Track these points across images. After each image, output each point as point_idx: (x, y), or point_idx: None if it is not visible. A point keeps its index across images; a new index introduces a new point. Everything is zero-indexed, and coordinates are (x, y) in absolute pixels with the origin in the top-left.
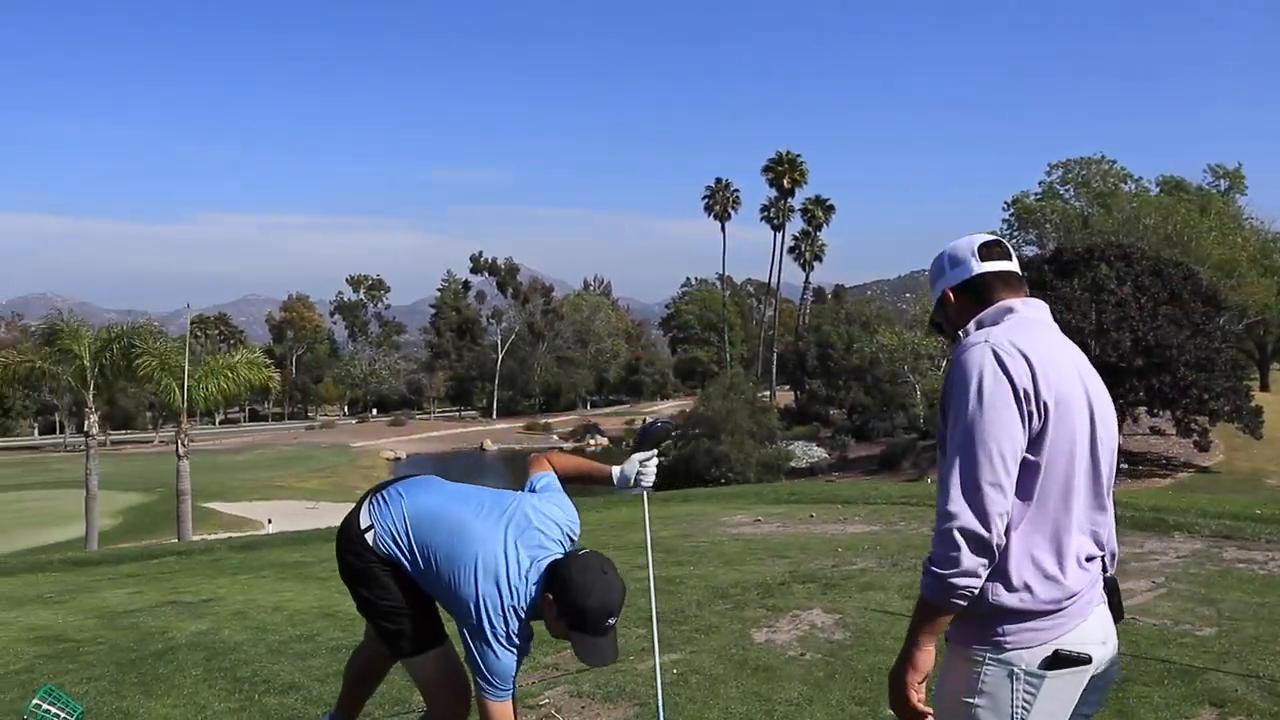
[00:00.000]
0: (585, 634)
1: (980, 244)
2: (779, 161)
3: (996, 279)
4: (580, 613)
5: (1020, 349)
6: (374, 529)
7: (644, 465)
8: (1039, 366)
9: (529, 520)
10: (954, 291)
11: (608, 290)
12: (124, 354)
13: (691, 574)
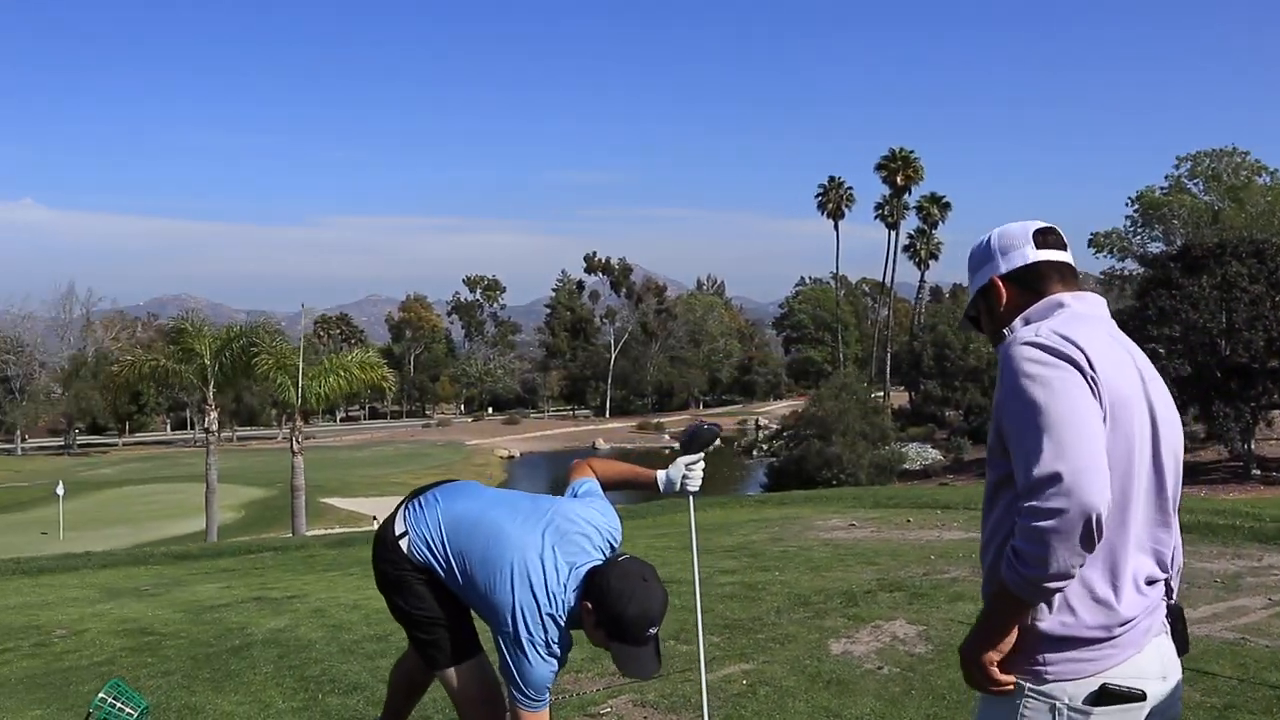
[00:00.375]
0: (625, 644)
1: (1036, 229)
2: (892, 159)
3: (1052, 269)
4: (619, 621)
5: (1074, 340)
6: (408, 535)
7: (690, 469)
8: (1095, 363)
9: (568, 526)
10: (1004, 281)
11: (721, 290)
12: (242, 353)
13: (775, 580)
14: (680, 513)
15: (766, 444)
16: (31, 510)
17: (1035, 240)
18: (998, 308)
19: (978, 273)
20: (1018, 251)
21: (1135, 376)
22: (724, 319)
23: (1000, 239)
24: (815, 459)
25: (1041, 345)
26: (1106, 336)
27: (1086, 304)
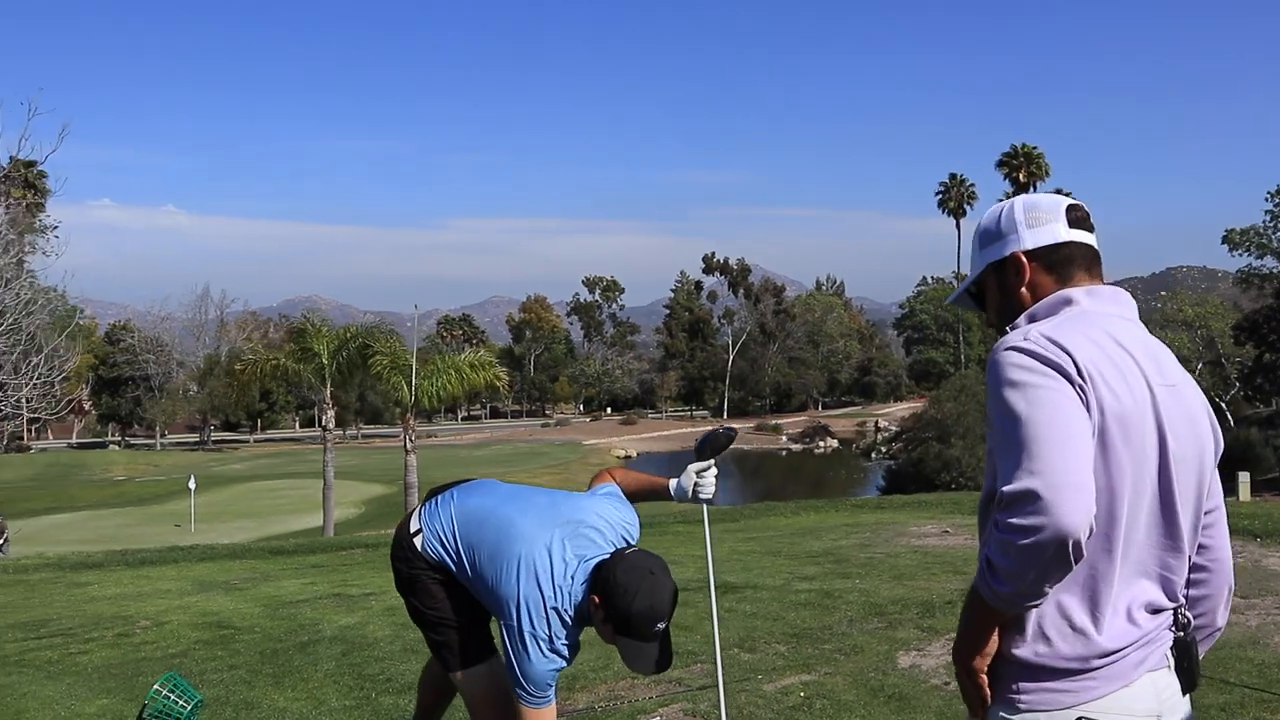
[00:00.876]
0: (632, 639)
1: (1069, 205)
2: (1014, 155)
3: (1080, 254)
4: (625, 616)
5: (1065, 347)
6: (422, 533)
7: (701, 476)
8: (1087, 371)
9: (581, 520)
10: (1028, 257)
11: (841, 290)
12: (359, 353)
13: (853, 588)
14: (771, 517)
15: (885, 446)
16: (167, 503)
17: (1067, 216)
18: (1015, 288)
19: (993, 245)
20: (1048, 227)
21: (1141, 386)
22: (843, 319)
23: (1027, 210)
24: (934, 462)
25: (1027, 351)
26: (1109, 340)
27: (1098, 301)
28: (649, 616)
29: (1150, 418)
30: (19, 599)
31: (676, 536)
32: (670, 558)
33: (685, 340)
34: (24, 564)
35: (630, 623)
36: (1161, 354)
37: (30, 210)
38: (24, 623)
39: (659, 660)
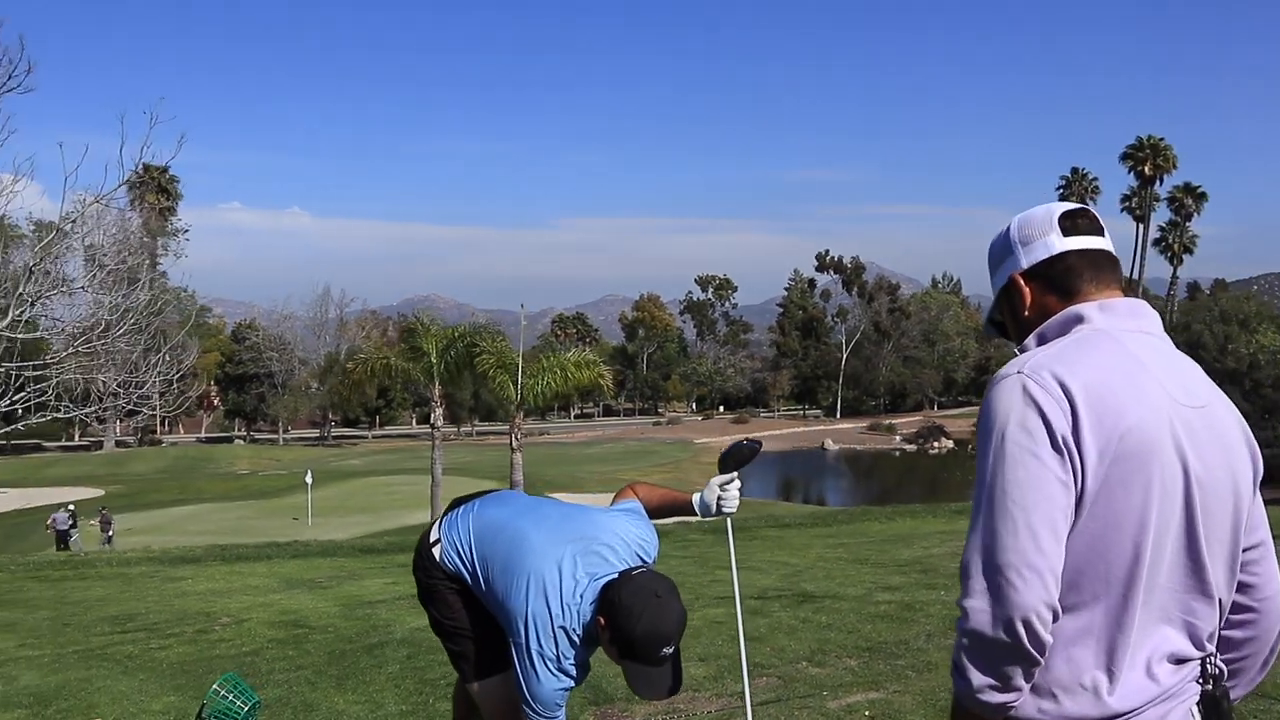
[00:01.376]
0: (637, 663)
1: (1063, 213)
2: (1140, 147)
3: (1083, 262)
4: (629, 639)
5: (1062, 380)
6: (440, 543)
7: (725, 489)
8: (1091, 404)
9: (595, 537)
10: (1025, 279)
11: (958, 288)
12: (466, 351)
13: (937, 600)
14: (865, 522)
15: None
16: (287, 497)
17: (1061, 226)
18: (1021, 311)
19: (998, 270)
20: (1040, 242)
21: (1160, 409)
22: (960, 317)
23: (1020, 227)
24: None
25: (1022, 388)
26: (1125, 360)
27: (1113, 316)
28: (653, 640)
29: (1170, 444)
30: (116, 592)
31: (764, 541)
32: (752, 563)
33: (798, 339)
34: (128, 557)
35: (634, 646)
36: (1189, 372)
37: (161, 214)
38: (114, 616)
39: (669, 686)
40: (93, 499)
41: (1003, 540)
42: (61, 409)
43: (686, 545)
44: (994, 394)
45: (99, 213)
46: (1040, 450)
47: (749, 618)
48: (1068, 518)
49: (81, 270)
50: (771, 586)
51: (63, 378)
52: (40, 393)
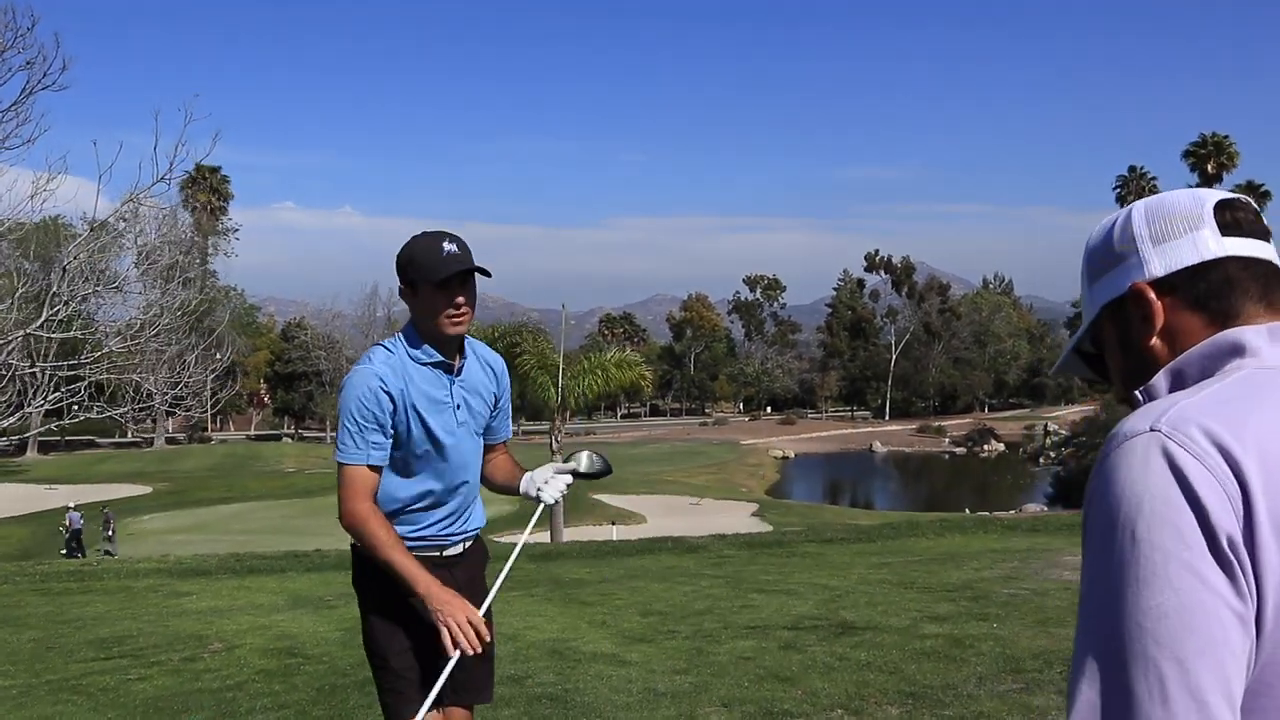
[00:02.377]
0: (425, 261)
1: (1218, 202)
2: (1202, 144)
3: (1247, 275)
4: (410, 252)
5: (1224, 445)
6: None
7: (555, 478)
8: (1273, 482)
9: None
10: (1160, 290)
11: (1009, 288)
12: (506, 351)
13: (990, 634)
14: (911, 539)
15: (1054, 451)
16: (330, 495)
17: (1217, 219)
18: (1143, 338)
19: (1101, 280)
20: (1185, 240)
21: None
22: (1012, 319)
23: (1152, 217)
24: None
25: (1166, 457)
26: None
27: None
28: (432, 239)
29: None
30: (115, 609)
31: (803, 559)
32: (789, 585)
33: (847, 340)
34: (137, 568)
35: (414, 250)
36: None
37: (212, 214)
38: (102, 639)
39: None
40: (137, 497)
41: (1144, 710)
42: (95, 409)
43: (720, 563)
44: (1115, 463)
45: (135, 210)
46: (1198, 561)
47: (781, 651)
48: (1244, 669)
49: (131, 269)
50: (808, 615)
51: (97, 378)
52: (73, 393)
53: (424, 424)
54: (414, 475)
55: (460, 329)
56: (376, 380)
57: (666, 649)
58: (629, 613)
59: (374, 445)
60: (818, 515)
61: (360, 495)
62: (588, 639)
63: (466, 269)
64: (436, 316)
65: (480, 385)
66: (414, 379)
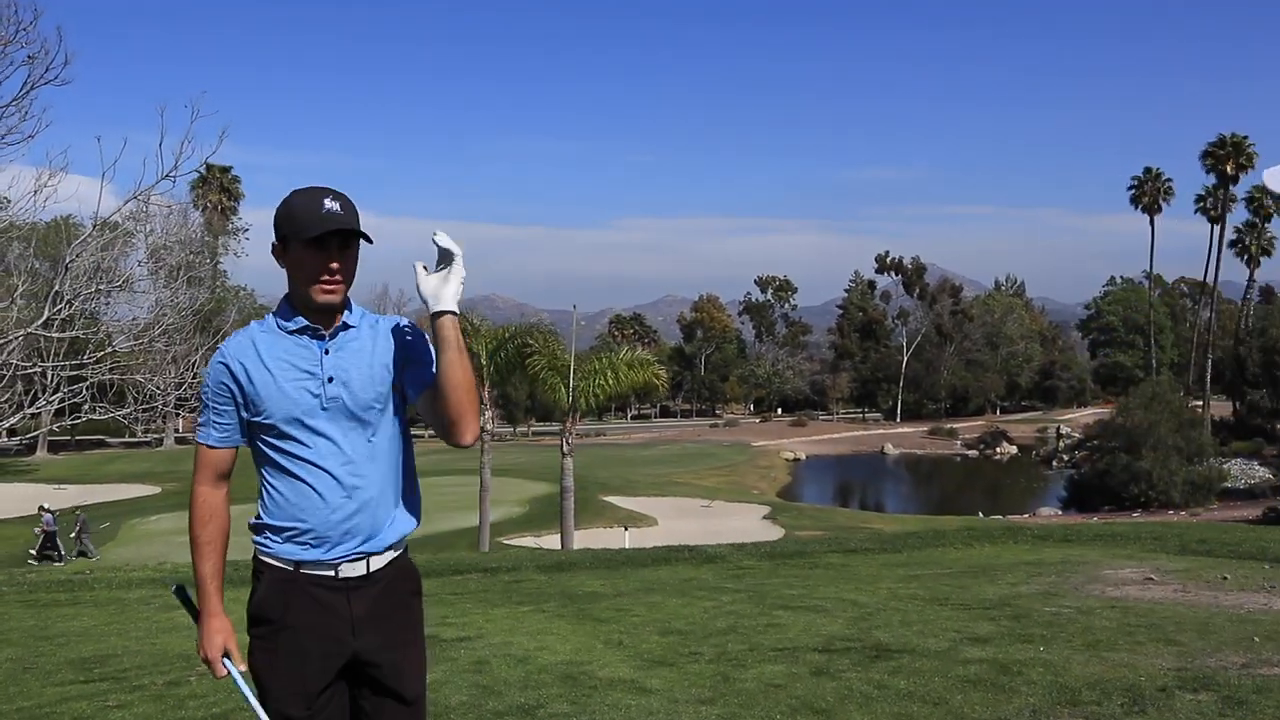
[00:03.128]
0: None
1: None
2: (1220, 145)
3: None
4: (288, 207)
5: None
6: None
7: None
8: None
9: None
10: None
11: (1021, 290)
12: (516, 352)
13: (1037, 659)
14: (939, 549)
15: (1068, 454)
16: None
17: None
18: None
19: None
20: None
21: None
22: (1024, 320)
23: None
24: (1121, 474)
25: None
26: None
27: None
28: (309, 191)
29: None
30: (102, 623)
31: (828, 571)
32: (815, 600)
33: (858, 341)
34: (130, 577)
35: (291, 204)
36: None
37: (223, 214)
38: (84, 659)
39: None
40: (145, 497)
41: None
42: (98, 410)
43: (740, 574)
44: None
45: (145, 208)
46: None
47: (813, 678)
48: None
49: (137, 267)
50: (839, 635)
51: (100, 378)
52: (76, 393)
53: (273, 401)
54: (284, 471)
55: (331, 298)
56: (219, 358)
57: (689, 674)
58: (647, 631)
59: (214, 425)
60: (830, 518)
61: (199, 476)
62: (604, 662)
63: (344, 229)
64: (307, 282)
65: (367, 353)
66: (265, 351)
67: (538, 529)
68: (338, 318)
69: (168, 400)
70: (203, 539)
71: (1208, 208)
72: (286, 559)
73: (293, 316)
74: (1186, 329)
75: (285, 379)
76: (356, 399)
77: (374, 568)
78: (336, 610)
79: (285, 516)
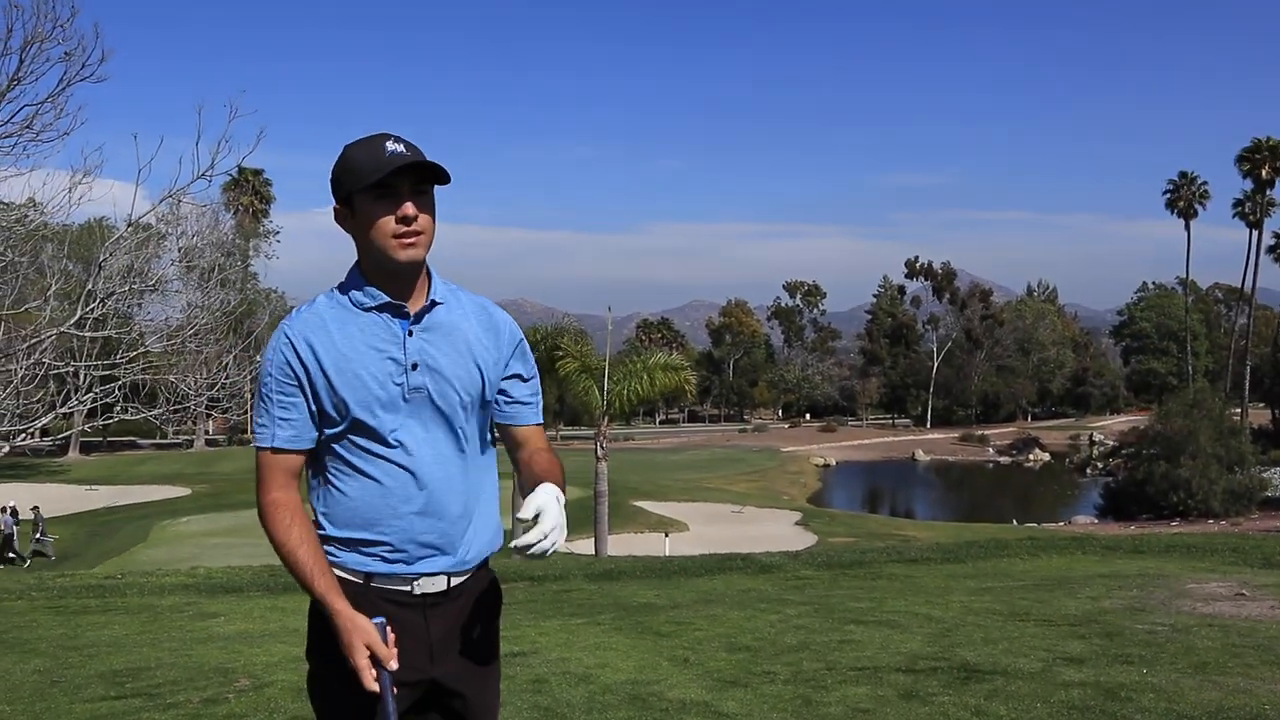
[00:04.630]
0: (365, 167)
1: None
2: (1257, 149)
3: None
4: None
5: None
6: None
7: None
8: None
9: None
10: None
11: (1053, 296)
12: (548, 355)
13: (1143, 684)
14: (1005, 559)
15: (1101, 462)
16: None
17: None
18: None
19: None
20: None
21: None
22: (1056, 326)
23: None
24: (1160, 482)
25: None
26: None
27: None
28: (367, 139)
29: None
30: (134, 633)
31: (892, 581)
32: (887, 614)
33: (887, 346)
34: (162, 583)
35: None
36: None
37: (255, 216)
38: (115, 672)
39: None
40: (176, 498)
41: None
42: (130, 410)
43: (800, 585)
44: None
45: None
46: None
47: (903, 702)
48: None
49: (170, 268)
50: (921, 654)
51: (132, 378)
52: (108, 393)
53: (348, 388)
54: (355, 470)
55: (415, 252)
56: (284, 338)
57: (766, 696)
58: (713, 647)
59: (281, 423)
60: (862, 524)
61: (267, 485)
62: (672, 681)
63: (416, 164)
64: (380, 236)
65: (464, 338)
66: (338, 331)
67: (570, 534)
68: (424, 292)
69: (199, 401)
70: (291, 542)
71: (1246, 212)
72: (355, 569)
73: (367, 288)
74: (1222, 336)
75: (364, 362)
76: (444, 391)
77: (454, 583)
78: (414, 631)
79: (354, 524)
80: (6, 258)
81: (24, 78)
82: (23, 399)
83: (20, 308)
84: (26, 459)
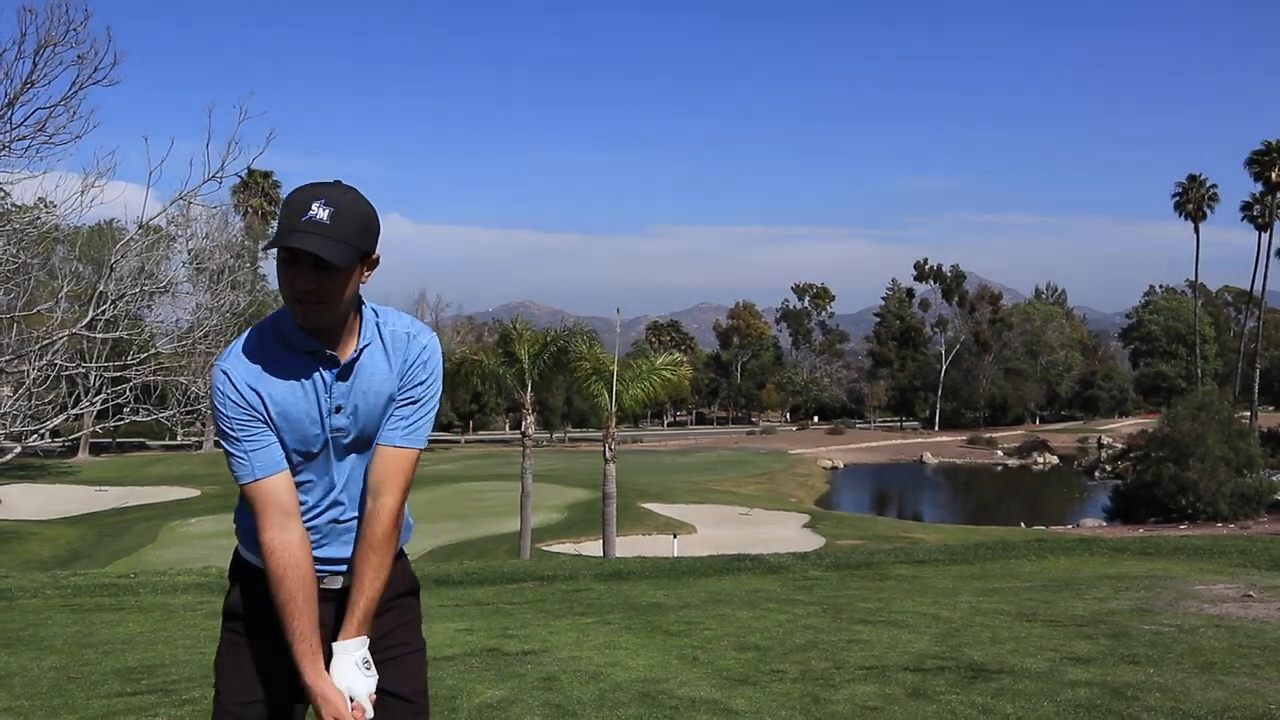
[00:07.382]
0: (282, 224)
1: None
2: (1267, 152)
3: None
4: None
5: None
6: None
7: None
8: None
9: None
10: None
11: (1062, 299)
12: (558, 357)
13: (1149, 683)
14: (1012, 560)
15: (1110, 465)
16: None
17: None
18: None
19: None
20: None
21: None
22: (1064, 329)
23: None
24: (1168, 485)
25: None
26: None
27: None
28: (306, 191)
29: None
30: (148, 630)
31: (899, 582)
32: (894, 614)
33: (895, 349)
34: (175, 581)
35: (284, 205)
36: None
37: (264, 219)
38: (131, 669)
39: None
40: (185, 499)
41: None
42: (140, 411)
43: (809, 585)
44: None
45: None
46: None
47: (911, 700)
48: None
49: (180, 270)
50: (929, 653)
51: (143, 379)
52: (119, 394)
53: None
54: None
55: (315, 319)
56: (226, 373)
57: (775, 694)
58: (722, 646)
59: (254, 454)
60: (870, 527)
61: (263, 524)
62: (682, 679)
63: (316, 253)
64: (285, 295)
65: (379, 380)
66: (278, 365)
67: (578, 535)
68: (354, 338)
69: (209, 403)
70: (281, 598)
71: (1255, 215)
72: None
73: (299, 333)
74: (1230, 339)
75: (295, 403)
76: (363, 431)
77: (347, 583)
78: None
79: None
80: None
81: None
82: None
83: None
84: (36, 460)
